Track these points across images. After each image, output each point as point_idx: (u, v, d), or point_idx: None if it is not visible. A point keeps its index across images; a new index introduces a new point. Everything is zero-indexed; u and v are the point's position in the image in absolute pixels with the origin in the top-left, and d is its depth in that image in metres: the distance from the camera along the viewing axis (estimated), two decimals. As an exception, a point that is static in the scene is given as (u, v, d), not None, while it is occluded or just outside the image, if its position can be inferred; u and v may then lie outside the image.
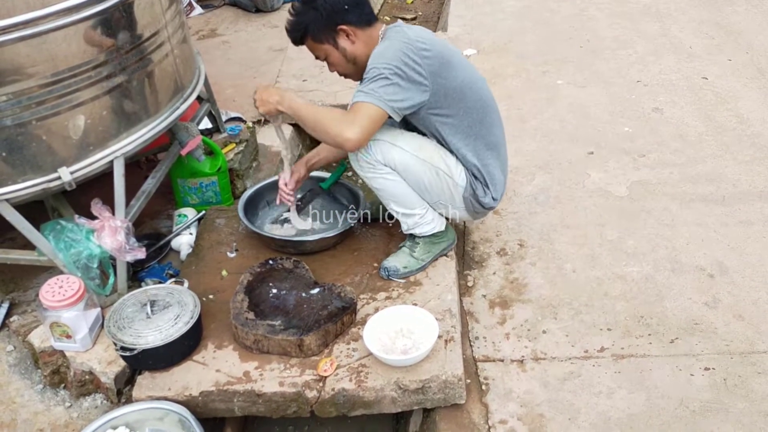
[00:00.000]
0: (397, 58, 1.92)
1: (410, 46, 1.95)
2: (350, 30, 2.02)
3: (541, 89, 3.60)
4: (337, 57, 2.07)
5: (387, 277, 2.20)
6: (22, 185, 1.90)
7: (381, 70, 1.92)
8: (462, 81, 2.04)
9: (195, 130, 2.46)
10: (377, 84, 1.91)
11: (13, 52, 1.76)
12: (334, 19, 2.01)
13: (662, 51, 3.95)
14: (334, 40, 2.04)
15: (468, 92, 2.07)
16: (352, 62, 2.07)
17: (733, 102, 3.40)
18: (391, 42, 1.98)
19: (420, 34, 2.03)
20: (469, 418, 1.89)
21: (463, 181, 2.13)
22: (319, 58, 2.11)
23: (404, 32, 2.00)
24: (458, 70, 2.04)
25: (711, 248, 2.46)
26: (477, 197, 2.16)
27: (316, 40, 2.05)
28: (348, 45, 2.04)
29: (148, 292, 2.04)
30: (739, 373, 1.98)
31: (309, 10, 2.02)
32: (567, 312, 2.21)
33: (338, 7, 2.00)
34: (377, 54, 1.97)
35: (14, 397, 2.03)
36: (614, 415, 1.88)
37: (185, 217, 2.52)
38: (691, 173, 2.88)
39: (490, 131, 2.15)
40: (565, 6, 4.63)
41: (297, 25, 2.04)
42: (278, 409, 1.89)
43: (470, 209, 2.19)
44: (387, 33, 2.05)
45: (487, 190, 2.17)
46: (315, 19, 2.01)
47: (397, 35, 2.00)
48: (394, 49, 1.95)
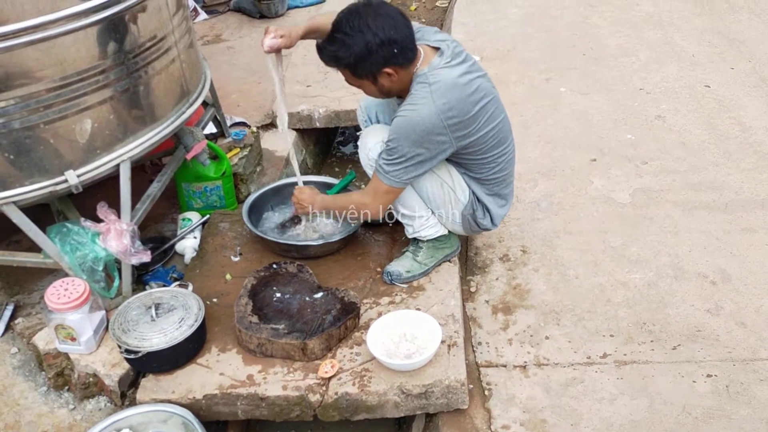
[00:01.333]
0: (422, 140, 1.91)
1: (437, 122, 1.90)
2: (394, 71, 1.93)
3: (544, 96, 3.61)
4: (372, 90, 2.01)
5: (390, 281, 2.21)
6: (29, 188, 1.92)
7: (404, 153, 1.93)
8: (485, 131, 2.02)
9: (200, 135, 2.47)
10: (399, 167, 1.96)
11: (22, 56, 1.78)
12: (382, 64, 1.91)
13: (665, 59, 3.96)
14: (375, 78, 1.95)
15: (488, 138, 2.05)
16: (386, 94, 2.03)
17: (736, 110, 3.40)
18: (419, 107, 1.90)
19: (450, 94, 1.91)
20: (472, 423, 1.90)
21: (465, 199, 2.16)
22: (349, 83, 2.02)
23: (431, 98, 1.90)
24: (480, 119, 1.99)
25: (713, 255, 2.46)
26: (476, 218, 2.19)
27: (355, 75, 1.95)
28: (387, 83, 1.96)
29: (153, 295, 2.05)
30: (741, 380, 1.98)
31: (353, 45, 1.86)
32: (570, 318, 2.22)
33: (387, 52, 1.88)
34: (402, 128, 1.91)
35: (18, 399, 2.04)
36: (617, 422, 1.88)
37: (190, 221, 2.53)
38: (693, 181, 2.88)
39: (502, 173, 2.15)
40: (568, 14, 4.64)
41: (336, 59, 1.92)
42: (281, 413, 1.89)
43: (467, 227, 2.23)
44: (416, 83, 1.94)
45: (487, 214, 2.21)
46: (359, 59, 1.88)
47: (425, 102, 1.90)
48: (421, 128, 1.90)
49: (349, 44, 1.87)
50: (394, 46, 1.87)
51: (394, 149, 1.95)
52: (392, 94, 2.03)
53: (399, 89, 2.00)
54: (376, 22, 1.85)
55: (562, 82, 3.75)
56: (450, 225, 2.23)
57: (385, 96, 2.05)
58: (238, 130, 2.91)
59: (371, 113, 2.36)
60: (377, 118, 2.34)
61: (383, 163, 1.99)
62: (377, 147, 2.08)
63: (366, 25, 1.85)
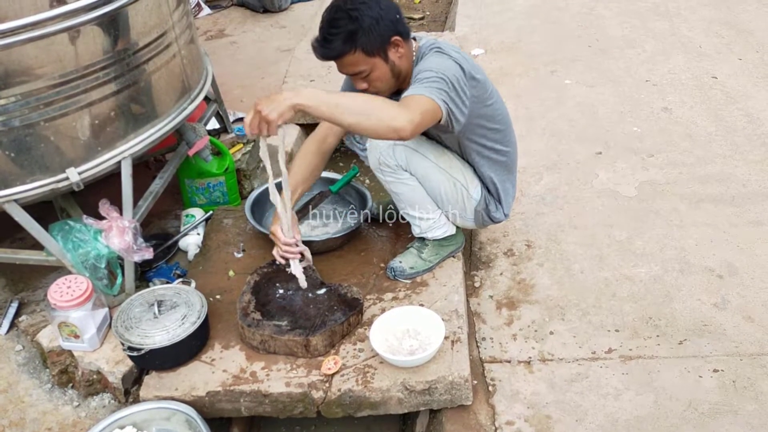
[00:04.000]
0: (452, 73, 1.84)
1: (463, 69, 1.87)
2: (401, 41, 1.89)
3: (550, 88, 3.59)
4: (384, 71, 1.91)
5: (393, 277, 2.20)
6: (31, 186, 1.91)
7: (439, 74, 1.81)
8: (493, 108, 2.03)
9: (202, 131, 2.47)
10: (436, 84, 1.81)
11: (22, 54, 1.77)
12: (392, 28, 1.85)
13: (672, 50, 3.92)
14: (385, 53, 1.88)
15: (497, 117, 2.05)
16: (396, 77, 1.95)
17: (743, 101, 3.37)
18: (442, 58, 1.88)
19: (462, 53, 1.94)
20: (476, 419, 1.89)
21: (478, 195, 2.15)
22: (360, 73, 1.89)
23: (450, 52, 1.90)
24: (492, 96, 2.02)
25: (720, 249, 2.44)
26: (489, 212, 2.19)
27: (367, 51, 1.85)
28: (396, 59, 1.91)
29: (156, 292, 2.05)
30: (748, 375, 1.96)
31: (363, 16, 1.81)
32: (574, 313, 2.20)
33: (392, 15, 1.85)
34: (432, 63, 1.86)
35: (23, 396, 2.05)
36: (622, 417, 1.86)
37: (193, 217, 2.52)
38: (700, 173, 2.85)
39: (510, 152, 2.16)
40: (573, 5, 4.60)
41: (351, 35, 1.81)
42: (285, 410, 1.89)
43: (479, 221, 2.22)
44: (427, 49, 1.94)
45: (499, 206, 2.20)
46: (373, 24, 1.82)
47: (444, 53, 1.89)
48: (449, 64, 1.86)
49: (356, 16, 1.81)
50: (396, 11, 1.89)
51: (425, 73, 1.82)
52: (401, 76, 1.95)
53: (406, 70, 1.95)
54: None
55: (567, 74, 3.72)
56: (461, 222, 2.22)
57: (395, 79, 1.95)
58: (241, 126, 2.88)
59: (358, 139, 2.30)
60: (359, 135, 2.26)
61: (418, 84, 1.82)
62: (390, 151, 2.01)
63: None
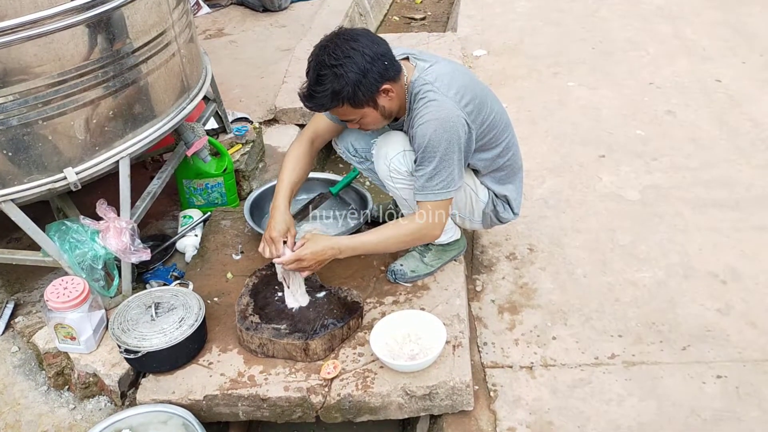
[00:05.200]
0: (453, 136, 1.81)
1: (459, 112, 1.83)
2: (391, 86, 1.81)
3: (552, 91, 3.57)
4: (374, 116, 1.85)
5: (394, 280, 2.18)
6: (28, 185, 1.89)
7: (443, 156, 1.81)
8: (492, 116, 1.98)
9: (201, 131, 2.44)
10: (443, 176, 1.84)
11: (20, 52, 1.75)
12: (379, 81, 1.77)
13: (675, 53, 3.90)
14: (375, 102, 1.82)
15: (497, 124, 2.01)
16: (388, 117, 1.90)
17: (747, 105, 3.35)
18: (439, 111, 1.81)
19: (454, 83, 1.87)
20: (477, 425, 1.87)
21: (486, 197, 2.13)
22: (351, 122, 1.88)
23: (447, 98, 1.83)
24: (489, 105, 1.97)
25: (724, 254, 2.42)
26: (497, 213, 2.17)
27: (354, 105, 1.79)
28: (387, 103, 1.84)
29: (153, 294, 2.03)
30: (751, 381, 1.94)
31: (347, 73, 1.73)
32: (577, 318, 2.18)
33: (380, 66, 1.76)
34: (431, 132, 1.80)
35: (18, 398, 2.03)
36: (624, 423, 1.84)
37: (190, 218, 2.50)
38: (704, 177, 2.83)
39: (509, 161, 2.11)
40: (576, 6, 4.59)
41: (335, 95, 1.75)
42: (283, 414, 1.87)
43: (486, 223, 2.21)
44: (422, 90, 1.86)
45: (507, 206, 2.18)
46: (357, 84, 1.74)
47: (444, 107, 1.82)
48: (449, 124, 1.81)
49: (341, 74, 1.73)
50: (384, 59, 1.78)
51: (431, 158, 1.82)
52: (393, 114, 1.91)
53: (399, 107, 1.90)
54: (358, 43, 1.75)
55: (570, 77, 3.70)
56: (468, 224, 2.22)
57: (388, 119, 1.92)
58: (240, 126, 2.87)
59: (347, 146, 2.22)
60: (353, 147, 2.20)
61: (424, 181, 1.86)
62: (399, 158, 1.97)
63: (351, 48, 1.74)
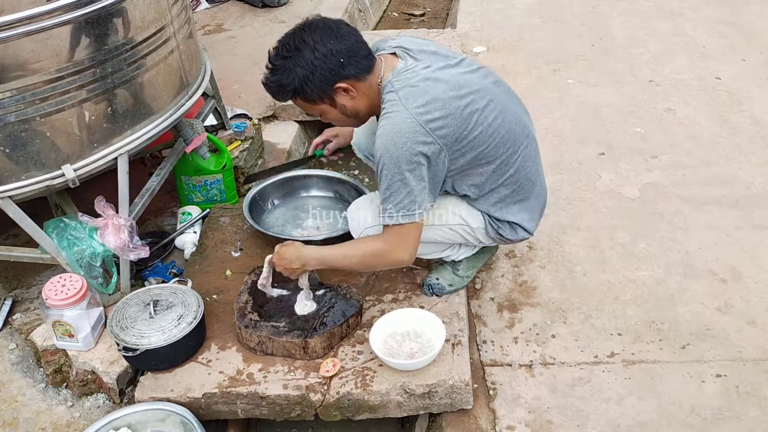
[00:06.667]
0: (407, 151, 1.67)
1: (416, 126, 1.68)
2: (349, 85, 1.75)
3: (552, 88, 3.56)
4: (335, 114, 1.82)
5: (431, 294, 2.09)
6: (26, 182, 1.88)
7: (397, 174, 1.69)
8: (479, 130, 1.78)
9: (200, 127, 2.44)
10: (398, 198, 1.71)
11: (18, 48, 1.73)
12: (330, 79, 1.72)
13: (675, 50, 3.89)
14: (331, 99, 1.77)
15: (486, 139, 1.80)
16: (353, 116, 1.84)
17: (747, 103, 3.34)
18: (393, 123, 1.69)
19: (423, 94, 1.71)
20: (476, 423, 1.86)
21: (481, 224, 1.97)
22: (313, 115, 1.87)
23: (402, 104, 1.70)
24: (475, 119, 1.77)
25: (724, 252, 2.41)
26: (502, 236, 2.00)
27: (308, 101, 1.77)
28: (347, 101, 1.78)
29: (151, 292, 2.02)
30: (751, 381, 1.94)
31: (295, 67, 1.70)
32: (577, 316, 2.18)
33: (332, 63, 1.70)
34: (383, 146, 1.69)
35: (16, 395, 2.02)
36: (624, 422, 1.84)
37: (189, 215, 2.49)
38: (704, 175, 2.83)
39: (516, 174, 1.91)
40: (576, 3, 4.57)
41: (281, 88, 1.74)
42: (282, 412, 1.86)
43: (498, 241, 2.06)
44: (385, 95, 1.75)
45: (516, 226, 1.99)
46: (304, 80, 1.71)
47: (397, 110, 1.70)
48: (401, 139, 1.67)
49: (289, 67, 1.70)
50: (339, 56, 1.70)
51: (385, 175, 1.71)
52: (362, 114, 1.84)
53: (367, 107, 1.82)
54: (314, 36, 1.70)
55: (570, 74, 3.69)
56: (479, 244, 2.09)
57: (354, 119, 1.85)
58: (239, 122, 2.86)
59: (363, 151, 2.20)
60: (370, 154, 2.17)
61: (382, 202, 1.75)
62: (369, 216, 1.94)
63: (302, 41, 1.70)
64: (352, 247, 1.91)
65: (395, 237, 1.79)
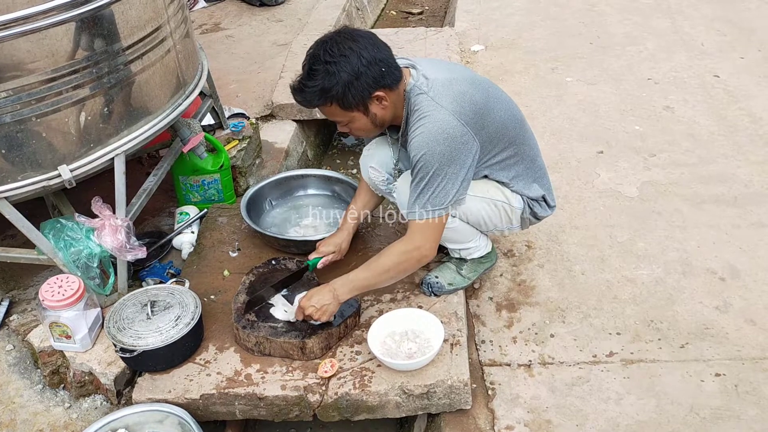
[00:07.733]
0: (450, 148, 1.74)
1: (456, 123, 1.75)
2: (385, 94, 1.78)
3: (550, 86, 3.56)
4: (364, 123, 1.83)
5: (430, 292, 2.10)
6: (22, 183, 1.87)
7: (437, 170, 1.74)
8: (500, 118, 1.89)
9: (197, 127, 2.43)
10: (438, 190, 1.76)
11: (14, 48, 1.73)
12: (372, 86, 1.74)
13: (673, 48, 3.89)
14: (366, 107, 1.78)
15: (509, 126, 1.92)
16: (379, 126, 1.86)
17: (746, 101, 3.34)
18: (434, 121, 1.75)
19: (449, 91, 1.79)
20: (475, 423, 1.86)
21: (521, 204, 2.04)
22: (340, 123, 1.85)
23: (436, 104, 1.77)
24: (495, 108, 1.88)
25: (722, 251, 2.41)
26: (535, 214, 2.08)
27: (344, 106, 1.77)
28: (379, 110, 1.81)
29: (149, 293, 2.01)
30: (750, 379, 1.94)
31: (340, 72, 1.70)
32: (575, 315, 2.17)
33: (376, 71, 1.73)
34: (425, 144, 1.74)
35: (13, 396, 2.01)
36: (623, 422, 1.84)
37: (187, 215, 2.48)
38: (702, 173, 2.83)
39: (530, 156, 2.03)
40: (574, 1, 4.57)
41: (323, 92, 1.73)
42: (280, 413, 1.86)
43: (525, 225, 2.12)
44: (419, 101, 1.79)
45: (543, 203, 2.09)
46: (348, 85, 1.72)
47: (433, 109, 1.76)
48: (444, 135, 1.74)
49: (334, 71, 1.70)
50: (381, 65, 1.74)
51: (425, 171, 1.76)
52: (385, 124, 1.87)
53: (392, 117, 1.86)
54: (357, 44, 1.72)
55: (568, 72, 3.69)
56: (508, 232, 2.14)
57: (378, 128, 1.88)
58: (237, 122, 2.86)
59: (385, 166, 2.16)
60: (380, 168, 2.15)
61: (415, 198, 1.79)
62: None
63: (348, 48, 1.71)
64: (379, 261, 1.86)
65: (425, 231, 1.81)
